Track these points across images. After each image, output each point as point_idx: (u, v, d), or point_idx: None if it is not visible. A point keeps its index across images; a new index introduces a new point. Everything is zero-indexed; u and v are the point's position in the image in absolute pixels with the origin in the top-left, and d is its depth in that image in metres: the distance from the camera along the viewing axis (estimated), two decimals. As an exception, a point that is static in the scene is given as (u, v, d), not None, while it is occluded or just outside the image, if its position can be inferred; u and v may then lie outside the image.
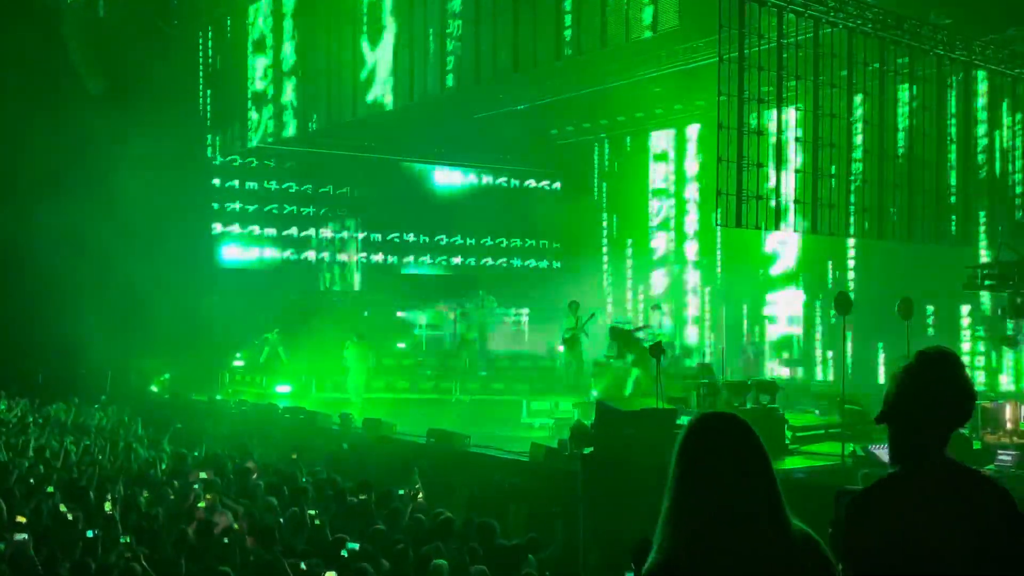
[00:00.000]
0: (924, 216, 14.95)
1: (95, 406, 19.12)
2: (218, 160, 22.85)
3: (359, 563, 7.14)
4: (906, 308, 11.93)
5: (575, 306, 17.84)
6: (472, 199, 24.82)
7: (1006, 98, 15.89)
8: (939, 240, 15.27)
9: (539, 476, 11.28)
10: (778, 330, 20.25)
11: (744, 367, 18.16)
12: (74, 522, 8.50)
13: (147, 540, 8.16)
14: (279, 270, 23.33)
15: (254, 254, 23.27)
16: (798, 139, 13.32)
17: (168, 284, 19.41)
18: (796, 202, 13.29)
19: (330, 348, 18.58)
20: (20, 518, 8.25)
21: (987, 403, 12.10)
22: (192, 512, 9.22)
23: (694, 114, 20.93)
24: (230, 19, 21.83)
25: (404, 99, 17.35)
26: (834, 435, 12.54)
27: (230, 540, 8.05)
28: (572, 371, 17.64)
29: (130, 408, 18.56)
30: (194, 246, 22.05)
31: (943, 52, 14.70)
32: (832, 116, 13.44)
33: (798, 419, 13.40)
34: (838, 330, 15.99)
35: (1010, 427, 11.69)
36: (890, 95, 14.45)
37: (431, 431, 13.34)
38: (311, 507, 9.44)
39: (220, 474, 11.29)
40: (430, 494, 11.08)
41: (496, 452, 12.51)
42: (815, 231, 13.91)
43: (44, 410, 18.12)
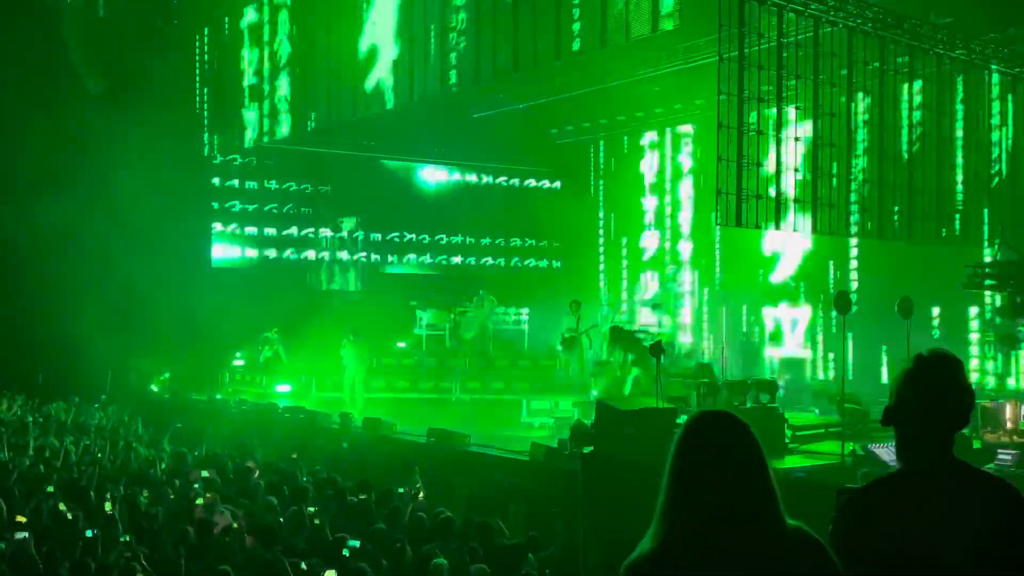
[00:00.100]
0: (925, 216, 14.94)
1: (95, 406, 19.11)
2: (217, 159, 22.85)
3: (359, 562, 7.14)
4: (906, 307, 11.94)
5: (576, 306, 17.84)
6: (472, 199, 24.79)
7: (1008, 96, 15.86)
8: (940, 240, 15.24)
9: (539, 476, 11.28)
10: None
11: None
12: (74, 521, 8.50)
13: (147, 540, 8.16)
14: (279, 269, 23.30)
15: (253, 253, 23.25)
16: (798, 138, 13.32)
17: (168, 283, 19.40)
18: (796, 201, 13.29)
19: (330, 347, 18.56)
20: (20, 518, 8.25)
21: (987, 403, 12.09)
22: (192, 511, 9.22)
23: (694, 113, 20.92)
24: (228, 19, 21.83)
25: (404, 98, 17.33)
26: (834, 434, 12.54)
27: (230, 539, 8.06)
28: (572, 371, 17.63)
29: (130, 408, 18.56)
30: (194, 245, 22.03)
31: (943, 51, 14.70)
32: (832, 115, 13.45)
33: (798, 418, 13.41)
34: (839, 330, 15.94)
35: (1010, 426, 11.69)
36: (890, 94, 14.45)
37: (431, 431, 13.33)
38: (311, 506, 9.44)
39: (220, 474, 11.29)
40: (430, 494, 11.09)
41: (496, 452, 12.50)
42: (815, 231, 13.91)
43: (44, 409, 18.11)
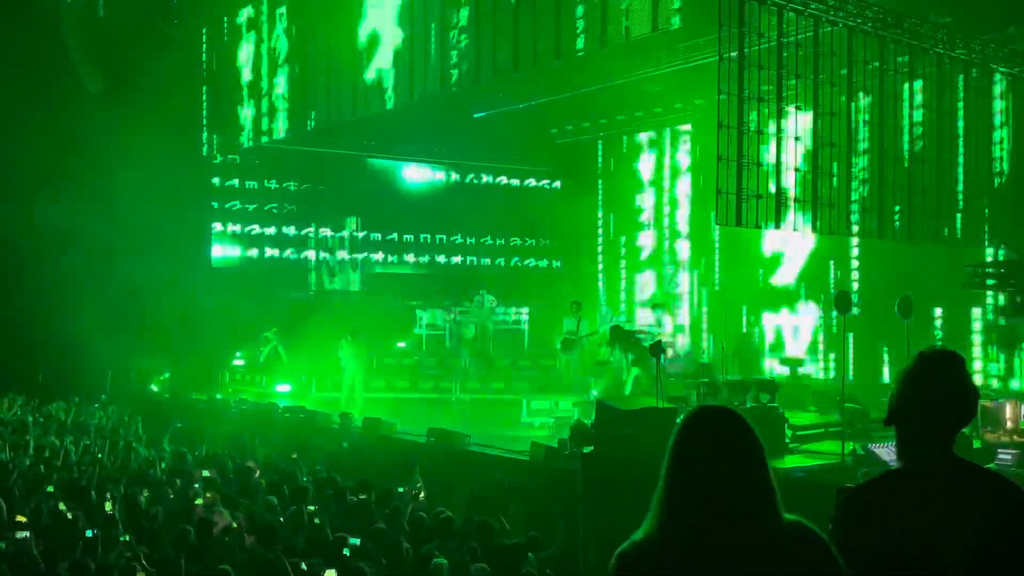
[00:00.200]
0: (925, 216, 14.92)
1: (95, 405, 19.12)
2: (217, 159, 22.84)
3: (358, 562, 7.14)
4: (906, 307, 11.94)
5: (577, 306, 17.83)
6: (472, 198, 24.79)
7: (1009, 96, 15.85)
8: (941, 240, 15.22)
9: (539, 475, 11.28)
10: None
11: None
12: (74, 521, 8.50)
13: (147, 540, 8.16)
14: (279, 269, 23.30)
15: (253, 253, 23.24)
16: (798, 138, 13.31)
17: (168, 283, 19.38)
18: (796, 201, 13.28)
19: (329, 347, 18.57)
20: (20, 517, 8.25)
21: (987, 402, 12.09)
22: (192, 511, 9.22)
23: (694, 113, 20.90)
24: (227, 18, 21.83)
25: (404, 98, 17.32)
26: (834, 434, 12.54)
27: (230, 539, 8.06)
28: (572, 370, 17.64)
29: (130, 407, 18.56)
30: (194, 245, 22.02)
31: (943, 51, 14.69)
32: (832, 115, 13.44)
33: (798, 418, 13.41)
34: (839, 330, 15.90)
35: (1010, 426, 11.71)
36: (890, 94, 14.44)
37: (431, 430, 13.33)
38: (311, 506, 9.44)
39: (220, 473, 11.29)
40: (430, 493, 11.09)
41: (496, 451, 12.50)
42: (815, 230, 13.90)
43: (44, 409, 18.11)
